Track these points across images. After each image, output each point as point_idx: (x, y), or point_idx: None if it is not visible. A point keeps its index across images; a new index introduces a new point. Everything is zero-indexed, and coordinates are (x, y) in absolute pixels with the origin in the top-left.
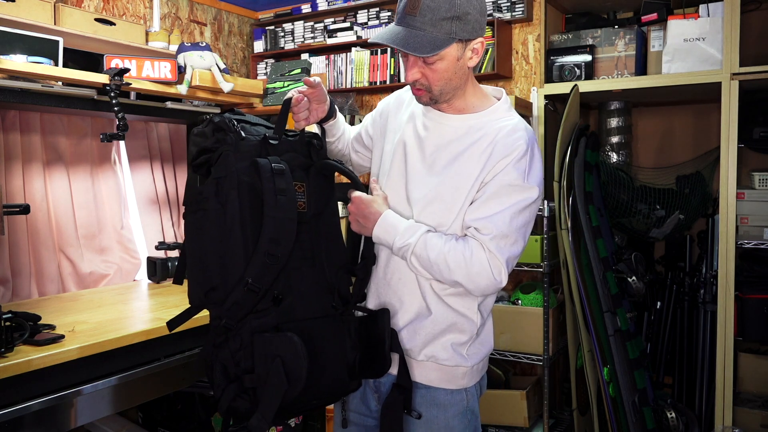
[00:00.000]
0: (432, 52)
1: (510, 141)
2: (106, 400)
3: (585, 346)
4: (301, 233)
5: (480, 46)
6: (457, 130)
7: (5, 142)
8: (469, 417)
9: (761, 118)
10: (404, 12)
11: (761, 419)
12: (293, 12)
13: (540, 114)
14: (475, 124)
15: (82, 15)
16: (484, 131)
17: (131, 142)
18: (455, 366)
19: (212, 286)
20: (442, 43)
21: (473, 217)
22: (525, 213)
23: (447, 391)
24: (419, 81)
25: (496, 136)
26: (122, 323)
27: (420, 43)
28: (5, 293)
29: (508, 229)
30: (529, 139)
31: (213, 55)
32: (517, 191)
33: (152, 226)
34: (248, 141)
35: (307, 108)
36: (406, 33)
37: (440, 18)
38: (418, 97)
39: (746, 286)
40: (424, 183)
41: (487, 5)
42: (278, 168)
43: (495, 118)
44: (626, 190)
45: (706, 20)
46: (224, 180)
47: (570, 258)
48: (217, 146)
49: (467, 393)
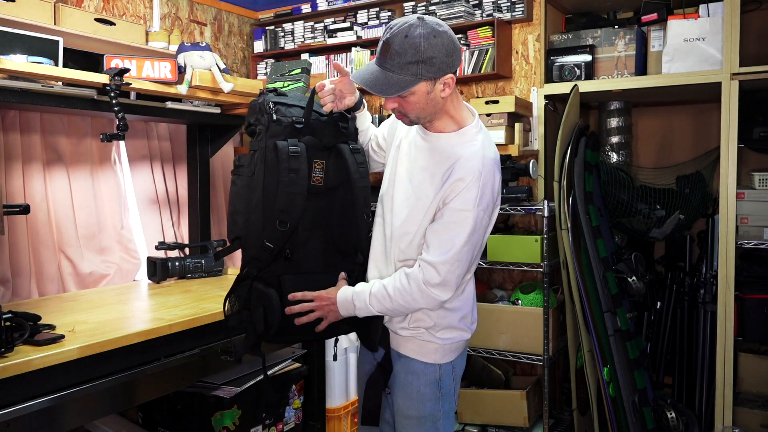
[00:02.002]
0: (396, 93)
1: (466, 167)
2: (106, 400)
3: (585, 346)
4: (315, 204)
5: (451, 81)
6: (430, 147)
7: (5, 142)
8: (441, 389)
9: (761, 118)
10: (379, 53)
11: (761, 419)
12: (293, 12)
13: (540, 114)
14: (443, 144)
15: (82, 15)
16: (448, 153)
17: (131, 142)
18: (427, 341)
19: (237, 235)
20: (408, 84)
21: (430, 236)
22: (474, 237)
23: (421, 363)
24: (396, 109)
25: (456, 161)
26: (122, 323)
27: (387, 84)
28: (5, 293)
29: (455, 256)
30: (483, 165)
31: (213, 55)
32: (467, 218)
33: (152, 226)
34: (279, 123)
35: (333, 93)
36: (378, 74)
37: (406, 62)
38: (401, 120)
39: (746, 286)
40: (403, 190)
41: (488, 5)
42: (294, 150)
43: (460, 141)
44: (626, 190)
45: (706, 20)
46: (256, 153)
47: (570, 258)
48: (256, 124)
49: (440, 368)
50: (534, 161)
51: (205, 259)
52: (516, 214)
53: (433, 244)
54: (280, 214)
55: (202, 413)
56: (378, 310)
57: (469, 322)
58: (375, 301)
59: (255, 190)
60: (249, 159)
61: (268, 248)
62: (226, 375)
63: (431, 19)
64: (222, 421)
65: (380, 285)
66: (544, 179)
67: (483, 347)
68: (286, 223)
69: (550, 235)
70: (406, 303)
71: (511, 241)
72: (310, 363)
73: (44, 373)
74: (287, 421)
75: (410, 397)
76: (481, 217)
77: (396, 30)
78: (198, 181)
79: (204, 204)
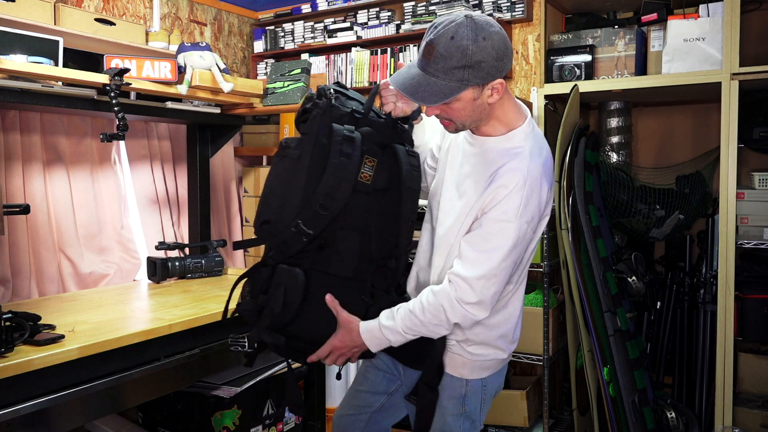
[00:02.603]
0: (440, 101)
1: (510, 173)
2: (106, 400)
3: (585, 346)
4: (358, 201)
5: (500, 86)
6: (476, 152)
7: (5, 142)
8: (465, 406)
9: (761, 118)
10: (422, 55)
11: (761, 419)
12: (293, 12)
13: (540, 114)
14: (489, 148)
15: (82, 15)
16: (492, 158)
17: (131, 142)
18: (456, 354)
19: (267, 219)
20: (453, 91)
21: (465, 248)
22: (514, 252)
23: (447, 375)
24: (440, 115)
25: (500, 167)
26: (122, 323)
27: (430, 91)
28: (5, 293)
29: (493, 271)
30: (528, 173)
31: (213, 55)
32: (511, 230)
33: (152, 226)
34: (337, 109)
35: (395, 94)
36: (420, 78)
37: (452, 67)
38: (446, 126)
39: (746, 286)
40: (449, 197)
41: (488, 5)
42: (349, 135)
43: (507, 146)
44: (626, 190)
45: (706, 20)
46: (306, 136)
47: (570, 258)
48: (312, 108)
49: (467, 384)
50: None
51: (205, 259)
52: None
53: (469, 257)
54: (323, 197)
55: (202, 413)
56: (413, 335)
57: (509, 341)
58: (404, 326)
59: (299, 173)
60: (297, 141)
61: (302, 232)
62: (226, 375)
63: (481, 18)
64: (222, 421)
65: (406, 308)
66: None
67: None
68: (328, 208)
69: (550, 235)
70: (438, 321)
71: None
72: (310, 363)
73: (44, 373)
74: (287, 421)
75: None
76: (524, 230)
77: (441, 30)
78: (198, 181)
79: (204, 204)
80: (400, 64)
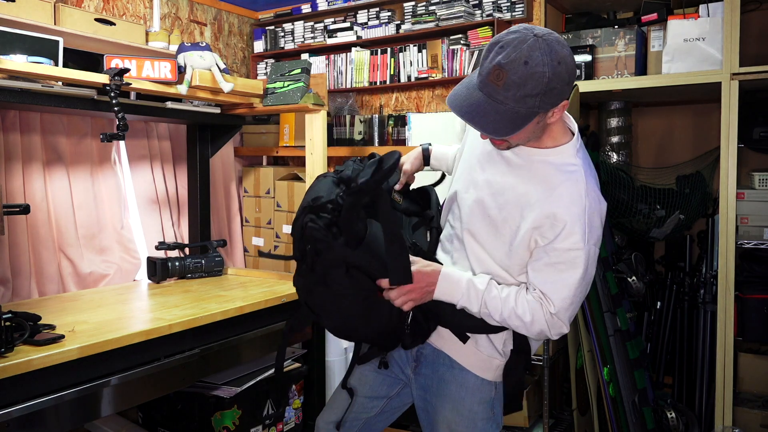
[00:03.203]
0: (511, 132)
1: (568, 203)
2: (106, 400)
3: (585, 346)
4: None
5: (563, 107)
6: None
7: (5, 142)
8: (494, 409)
9: (761, 118)
10: (487, 79)
11: (761, 419)
12: (293, 12)
13: None
14: (538, 161)
15: (82, 15)
16: (544, 176)
17: (131, 142)
18: (489, 356)
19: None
20: (524, 121)
21: (540, 281)
22: (587, 275)
23: (479, 378)
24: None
25: (555, 188)
26: (122, 323)
27: (499, 120)
28: (5, 293)
29: (573, 298)
30: (587, 198)
31: (213, 55)
32: (579, 258)
33: (152, 226)
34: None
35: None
36: (486, 105)
37: (525, 95)
38: (498, 146)
39: (746, 286)
40: (484, 202)
41: (488, 5)
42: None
43: (559, 162)
44: (626, 190)
45: (706, 20)
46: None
47: None
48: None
49: (496, 387)
50: None
51: (205, 259)
52: None
53: (546, 290)
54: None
55: (202, 413)
56: (481, 314)
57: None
58: (485, 305)
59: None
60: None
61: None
62: (226, 375)
63: (551, 38)
64: (222, 421)
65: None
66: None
67: None
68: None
69: None
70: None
71: None
72: (310, 363)
73: (44, 373)
74: (287, 421)
75: (461, 414)
76: (593, 253)
77: (513, 54)
78: (198, 181)
79: (204, 204)
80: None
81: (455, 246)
